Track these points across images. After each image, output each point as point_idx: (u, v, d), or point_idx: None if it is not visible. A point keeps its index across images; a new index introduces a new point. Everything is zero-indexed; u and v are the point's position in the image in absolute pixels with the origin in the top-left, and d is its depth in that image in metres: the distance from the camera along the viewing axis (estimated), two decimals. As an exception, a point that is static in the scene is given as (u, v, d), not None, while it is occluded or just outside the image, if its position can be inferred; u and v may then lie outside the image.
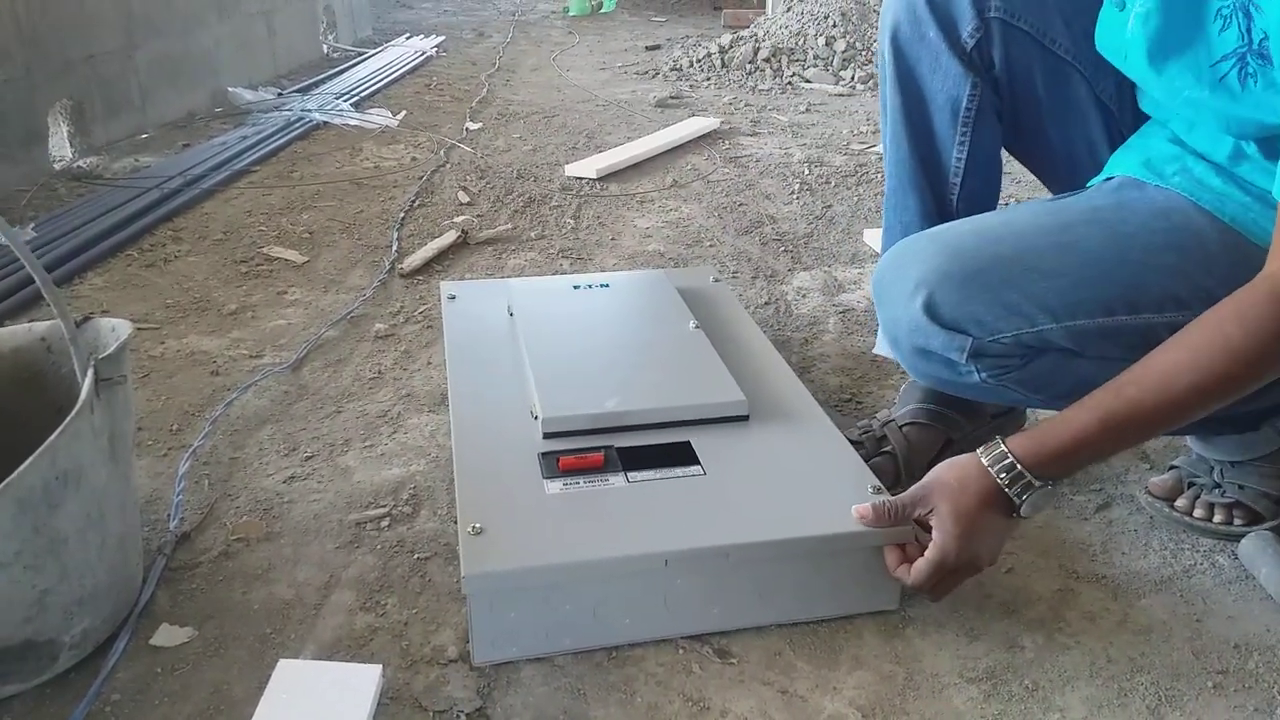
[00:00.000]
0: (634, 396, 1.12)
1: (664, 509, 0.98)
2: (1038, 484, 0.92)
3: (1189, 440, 1.18)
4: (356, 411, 1.38)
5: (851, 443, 1.14)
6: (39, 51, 2.44)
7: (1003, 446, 0.93)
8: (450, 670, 0.93)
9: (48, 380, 1.06)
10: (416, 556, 1.08)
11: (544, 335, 1.27)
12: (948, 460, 0.98)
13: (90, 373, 0.89)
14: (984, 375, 1.01)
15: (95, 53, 2.68)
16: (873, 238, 2.04)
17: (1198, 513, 1.12)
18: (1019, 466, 0.92)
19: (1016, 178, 2.30)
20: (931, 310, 0.98)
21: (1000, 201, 1.26)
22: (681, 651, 0.95)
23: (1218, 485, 1.12)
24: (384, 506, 1.17)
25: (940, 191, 1.20)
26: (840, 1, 4.05)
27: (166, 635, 0.97)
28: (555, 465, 1.03)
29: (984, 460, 0.93)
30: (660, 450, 1.07)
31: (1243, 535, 1.08)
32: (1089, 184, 1.11)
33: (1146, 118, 1.12)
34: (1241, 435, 1.10)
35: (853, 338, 1.63)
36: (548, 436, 1.08)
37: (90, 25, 2.65)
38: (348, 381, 1.47)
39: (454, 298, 1.45)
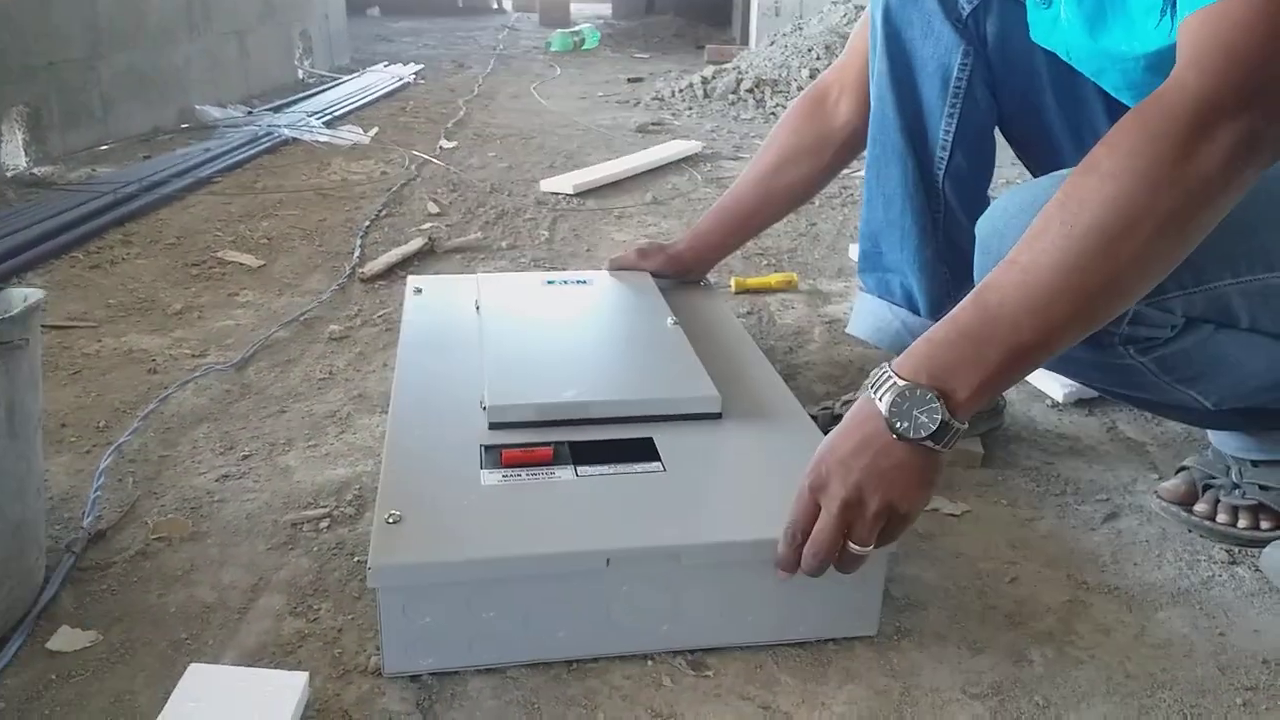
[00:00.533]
0: (594, 388, 1.02)
1: (611, 505, 0.86)
2: (903, 384, 0.74)
3: (1209, 435, 1.09)
4: (303, 411, 1.28)
5: (811, 418, 1.05)
6: (-5, 54, 2.35)
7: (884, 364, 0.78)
8: (387, 681, 0.81)
9: (-49, 358, 0.95)
10: (356, 559, 0.97)
11: (508, 327, 1.18)
12: None
13: (-16, 334, 0.78)
14: (1131, 349, 0.89)
15: (56, 60, 2.59)
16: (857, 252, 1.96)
17: (1221, 518, 1.03)
18: (887, 369, 0.76)
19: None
20: None
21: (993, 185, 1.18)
22: (651, 663, 0.84)
23: (1237, 486, 1.03)
24: (324, 507, 1.06)
25: (926, 164, 1.12)
26: (824, 35, 4.03)
27: (66, 639, 0.85)
28: (498, 458, 0.92)
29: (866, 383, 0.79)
30: (617, 446, 0.95)
31: (1271, 541, 0.99)
32: None
33: None
34: (1265, 431, 1.01)
35: (839, 347, 1.54)
36: (494, 427, 0.97)
37: (53, 33, 2.57)
38: (296, 381, 1.36)
39: (420, 291, 1.35)
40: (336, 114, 3.31)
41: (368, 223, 2.10)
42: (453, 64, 5.01)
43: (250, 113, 3.29)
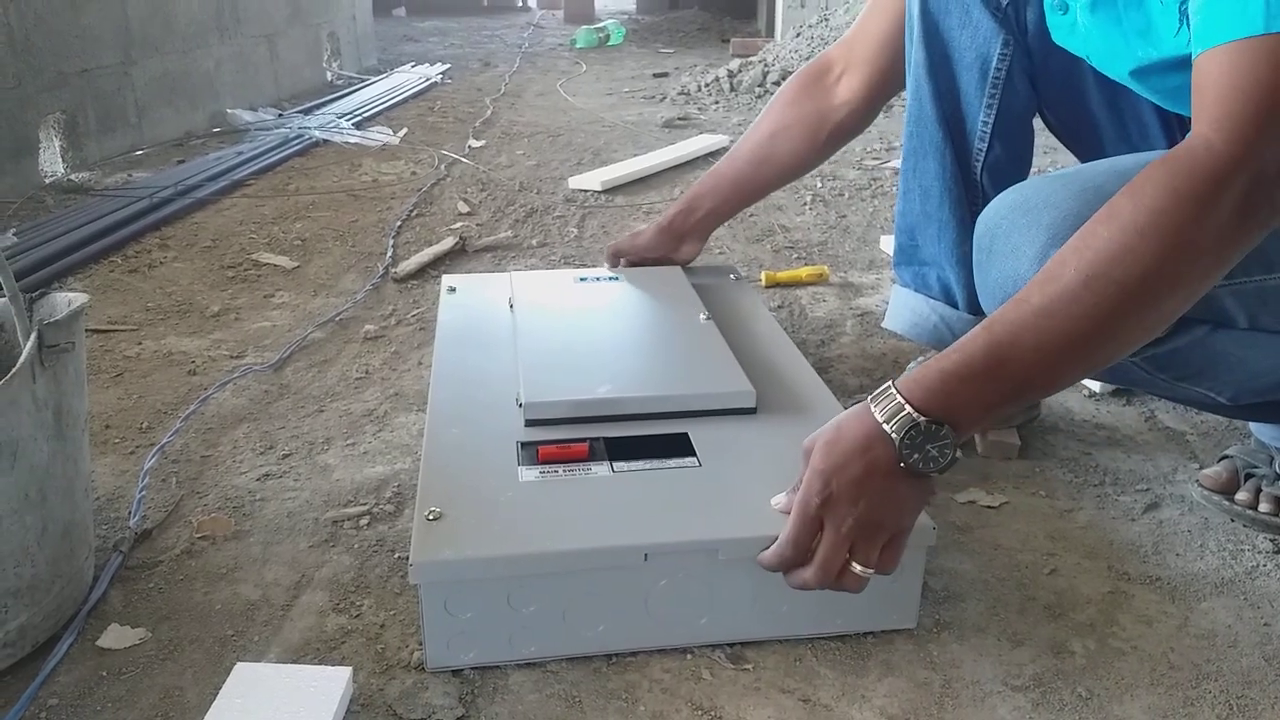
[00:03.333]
0: (629, 384, 1.02)
1: (648, 500, 0.87)
2: (920, 419, 0.74)
3: (1251, 425, 1.08)
4: (340, 410, 1.29)
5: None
6: (31, 63, 2.38)
7: (889, 383, 0.78)
8: (430, 676, 0.82)
9: (0, 361, 0.97)
10: (397, 556, 0.98)
11: (541, 323, 1.18)
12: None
13: (34, 338, 0.80)
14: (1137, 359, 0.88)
15: (91, 67, 2.63)
16: (890, 244, 1.95)
17: (1264, 507, 1.02)
18: (899, 398, 0.75)
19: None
20: None
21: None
22: (690, 656, 0.85)
23: (1279, 476, 1.02)
24: (364, 504, 1.07)
25: (963, 156, 1.11)
26: (850, 25, 4.00)
27: (116, 636, 0.87)
28: (535, 455, 0.92)
29: (868, 401, 0.78)
30: (653, 441, 0.96)
31: None
32: None
33: None
34: None
35: (872, 340, 1.54)
36: (530, 424, 0.97)
37: (86, 39, 2.60)
38: (333, 381, 1.38)
39: (454, 290, 1.36)
40: (366, 115, 3.33)
41: (399, 223, 2.12)
42: (479, 63, 5.02)
43: (281, 115, 3.32)
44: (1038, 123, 1.16)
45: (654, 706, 0.80)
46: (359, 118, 3.27)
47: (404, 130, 3.12)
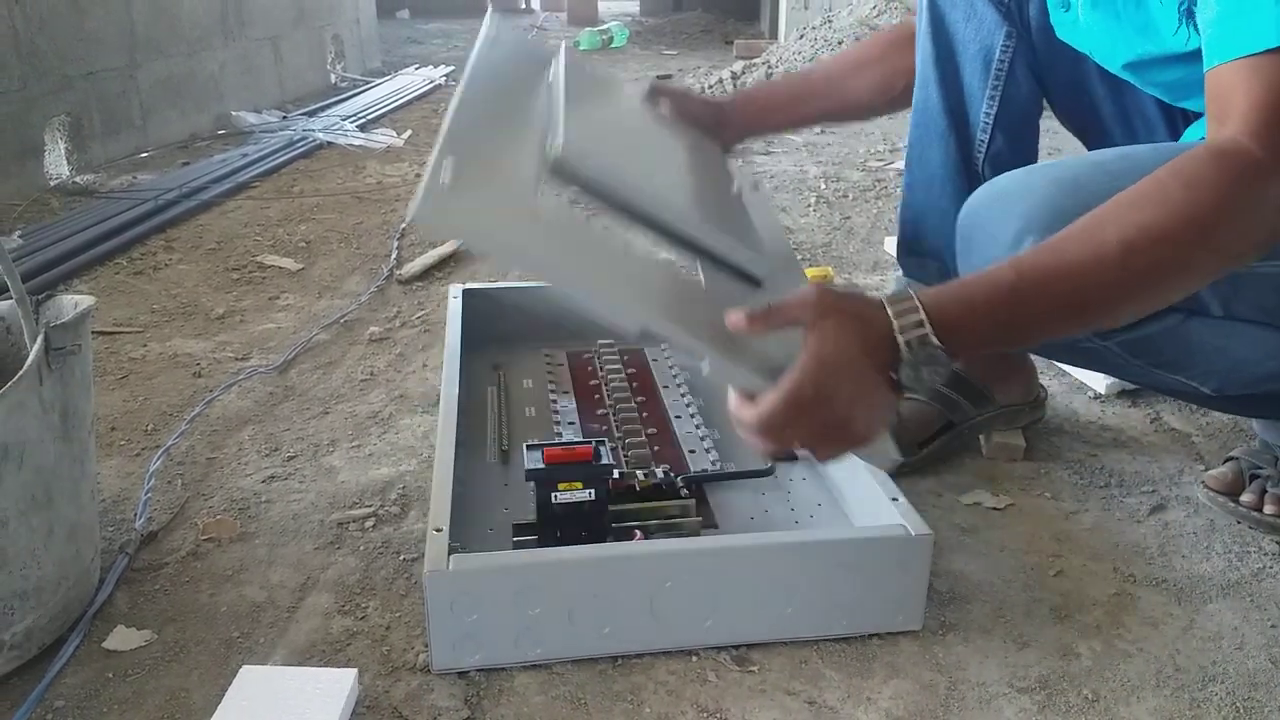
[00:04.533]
0: (665, 200, 0.90)
1: None
2: (934, 340, 0.72)
3: (1254, 424, 1.08)
4: (345, 412, 1.29)
5: None
6: (36, 66, 2.39)
7: (910, 290, 0.75)
8: (435, 678, 0.82)
9: (6, 363, 0.97)
10: (403, 558, 0.98)
11: (591, 100, 1.02)
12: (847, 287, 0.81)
13: (40, 339, 0.80)
14: (1093, 334, 0.89)
15: (96, 70, 2.63)
16: (893, 246, 1.95)
17: (1269, 509, 1.02)
18: (920, 313, 0.72)
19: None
20: None
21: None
22: (696, 658, 0.85)
23: None
24: (369, 506, 1.07)
25: (966, 147, 1.12)
26: (854, 27, 4.01)
27: (122, 638, 0.87)
28: (540, 454, 0.92)
29: (884, 297, 0.75)
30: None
31: None
32: None
33: None
34: None
35: (875, 341, 1.53)
36: (554, 174, 0.84)
37: (91, 42, 2.61)
38: (338, 383, 1.38)
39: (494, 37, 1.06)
40: (370, 117, 3.33)
41: (403, 225, 2.12)
42: (483, 65, 5.03)
43: (285, 118, 3.32)
44: (1047, 123, 1.16)
45: (659, 708, 0.80)
46: (363, 120, 3.27)
47: (408, 132, 3.12)
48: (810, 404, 0.71)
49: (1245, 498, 1.04)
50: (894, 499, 0.89)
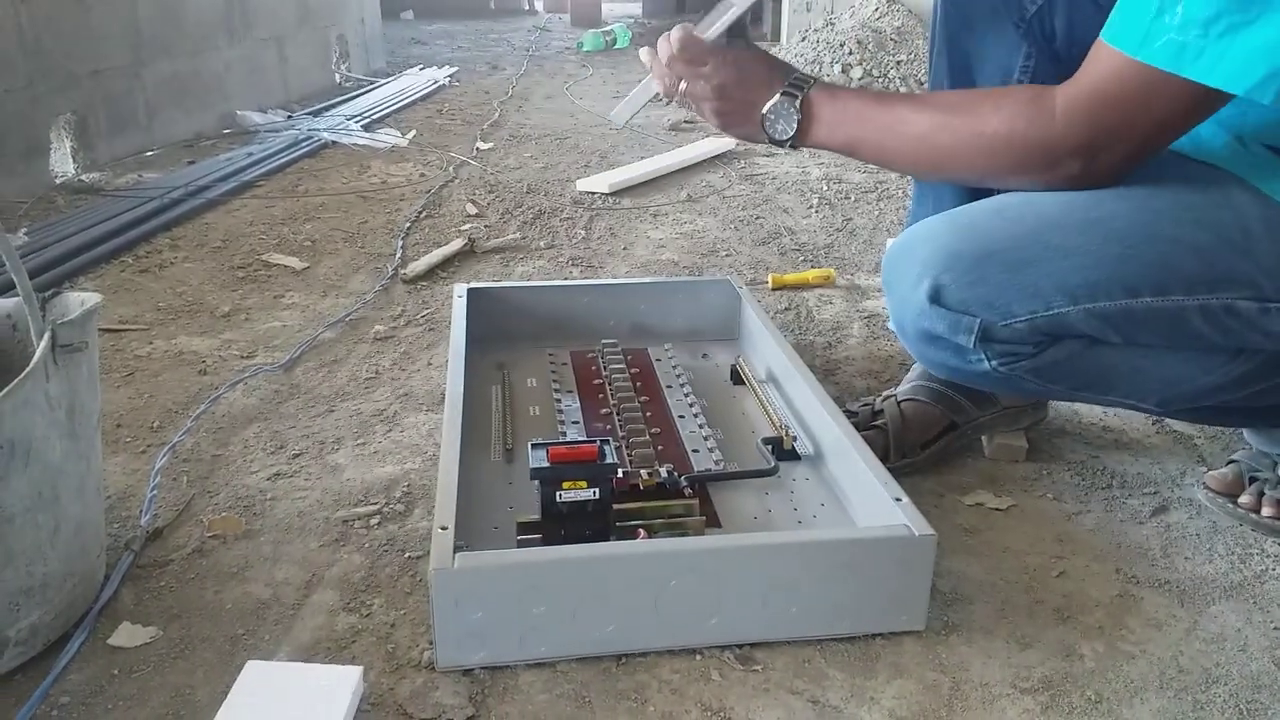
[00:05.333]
0: None
1: None
2: (795, 106, 0.97)
3: (1245, 434, 1.08)
4: (350, 410, 1.30)
5: (846, 413, 1.05)
6: (42, 64, 2.39)
7: (814, 79, 1.00)
8: (440, 675, 0.83)
9: (13, 361, 0.97)
10: (408, 555, 0.99)
11: None
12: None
13: (47, 336, 0.81)
14: (995, 363, 0.91)
15: (101, 68, 2.64)
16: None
17: (1266, 511, 1.02)
18: (809, 83, 0.98)
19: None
20: (938, 291, 0.89)
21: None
22: (700, 657, 0.85)
23: None
24: (375, 504, 1.07)
25: None
26: (856, 29, 4.00)
27: (127, 635, 0.87)
28: (546, 453, 0.93)
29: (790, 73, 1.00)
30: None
31: None
32: None
33: None
34: None
35: (879, 342, 1.54)
36: None
37: (97, 40, 2.61)
38: (343, 381, 1.38)
39: None
40: (374, 117, 3.33)
41: (408, 224, 2.12)
42: (486, 66, 5.03)
43: (290, 117, 3.33)
44: None
45: (664, 707, 0.80)
46: (368, 120, 3.27)
47: (412, 132, 3.13)
48: (714, 65, 0.99)
49: (1244, 499, 1.04)
50: (897, 499, 0.90)
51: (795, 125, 0.97)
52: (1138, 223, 0.87)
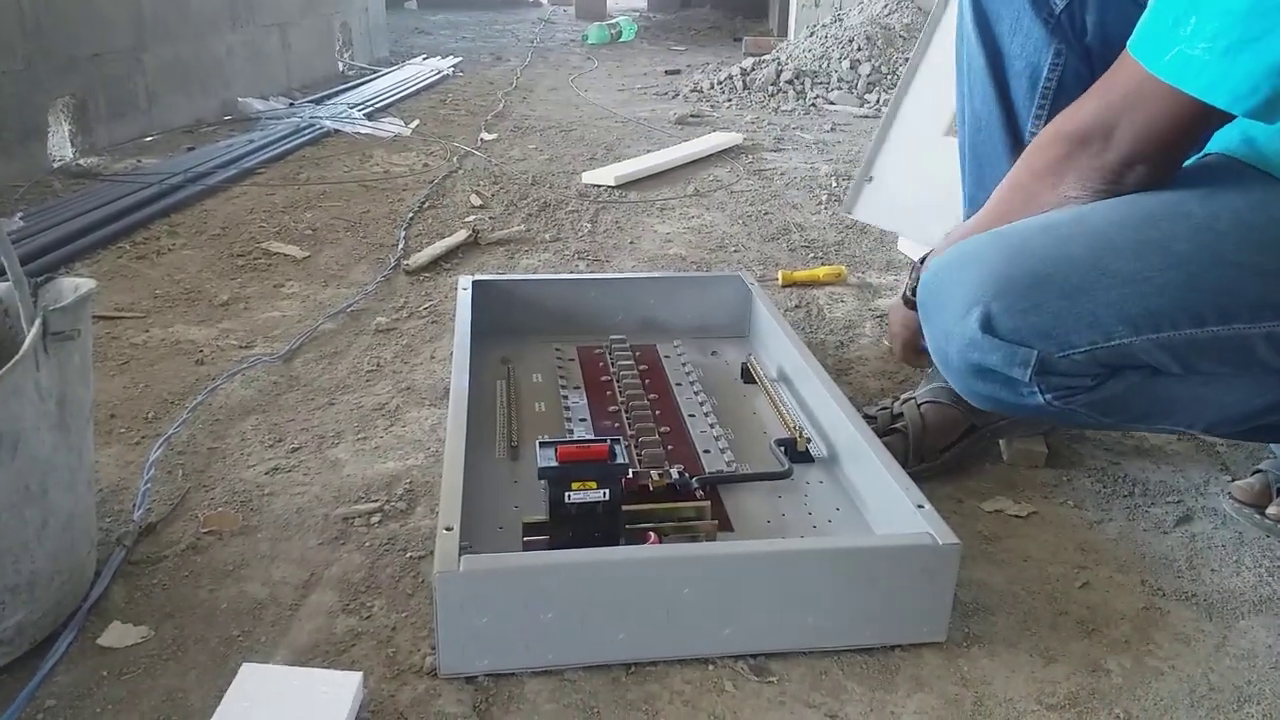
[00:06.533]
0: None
1: None
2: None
3: (1271, 446, 1.05)
4: (351, 404, 1.26)
5: (865, 418, 1.02)
6: (42, 46, 2.35)
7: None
8: (443, 682, 0.79)
9: (3, 348, 0.94)
10: (409, 555, 0.95)
11: None
12: None
13: (38, 324, 0.77)
14: (1049, 397, 0.85)
15: (102, 52, 2.60)
16: (908, 247, 1.92)
17: None
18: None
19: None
20: (989, 320, 0.83)
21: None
22: (712, 668, 0.82)
23: None
24: (375, 501, 1.04)
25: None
26: (865, 25, 3.97)
27: (118, 635, 0.84)
28: (554, 451, 0.89)
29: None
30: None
31: None
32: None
33: None
34: None
35: (892, 342, 1.50)
36: None
37: (98, 23, 2.57)
38: (343, 374, 1.35)
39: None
40: (377, 106, 3.30)
41: (411, 214, 2.09)
42: (491, 57, 4.99)
43: (292, 105, 3.29)
44: None
45: (675, 719, 0.77)
46: (370, 108, 3.24)
47: (416, 122, 3.09)
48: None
49: (1271, 510, 1.01)
50: (920, 506, 0.86)
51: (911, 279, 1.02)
52: (1200, 245, 0.81)
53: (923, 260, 1.01)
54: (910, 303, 1.03)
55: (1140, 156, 0.83)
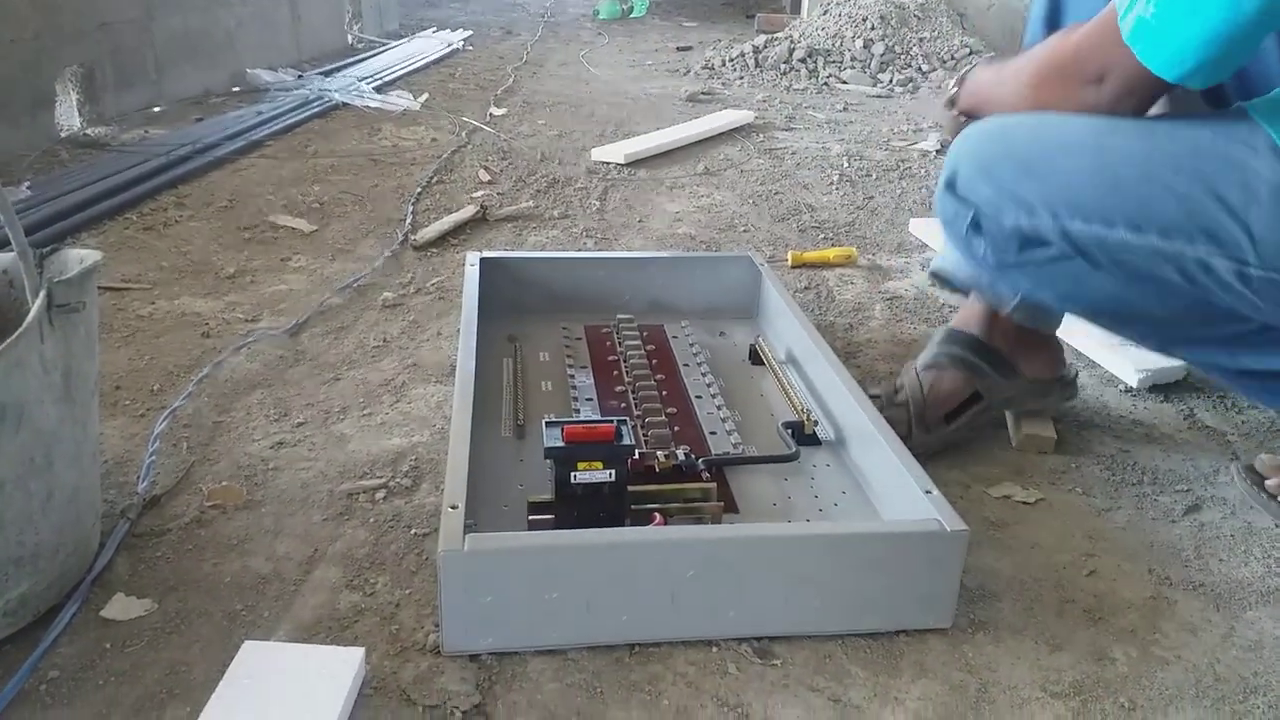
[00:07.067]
0: None
1: None
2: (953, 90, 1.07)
3: None
4: (357, 379, 1.26)
5: (870, 397, 1.03)
6: (50, 15, 2.34)
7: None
8: (446, 660, 0.79)
9: (9, 320, 0.93)
10: (414, 532, 0.95)
11: None
12: None
13: (43, 296, 0.77)
14: (988, 253, 0.96)
15: (110, 20, 2.58)
16: (919, 228, 1.91)
17: None
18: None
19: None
20: (953, 180, 0.96)
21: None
22: (716, 649, 0.81)
23: None
24: (380, 477, 1.04)
25: None
26: (879, 4, 3.93)
27: (121, 607, 0.84)
28: (561, 432, 0.89)
29: None
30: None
31: None
32: None
33: None
34: None
35: (901, 324, 1.50)
36: None
37: (106, -8, 2.56)
38: (349, 349, 1.35)
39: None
40: (386, 79, 3.28)
41: (419, 189, 2.08)
42: (501, 30, 4.96)
43: (301, 77, 3.27)
44: None
45: (678, 700, 0.76)
46: (380, 82, 3.22)
47: (425, 96, 3.07)
48: None
49: (1271, 483, 1.01)
50: (927, 491, 0.86)
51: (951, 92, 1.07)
52: (1142, 160, 0.87)
53: (964, 75, 1.06)
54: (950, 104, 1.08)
55: (1126, 106, 0.88)
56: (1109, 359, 1.34)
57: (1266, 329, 0.89)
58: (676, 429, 1.10)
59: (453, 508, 0.80)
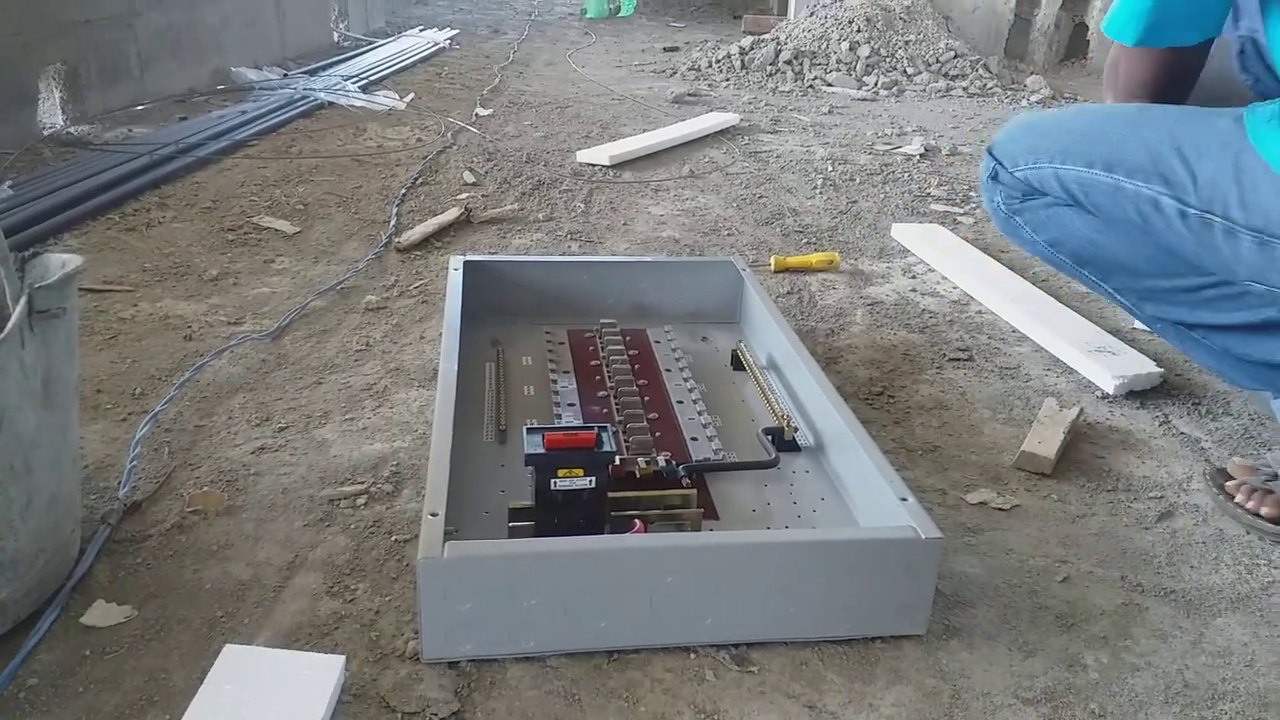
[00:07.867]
0: None
1: None
2: None
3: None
4: (339, 383, 1.26)
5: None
6: (33, 10, 2.33)
7: None
8: (425, 668, 0.80)
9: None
10: (395, 538, 0.96)
11: None
12: None
13: (23, 301, 0.77)
14: (1001, 202, 1.13)
15: (93, 17, 2.57)
16: (902, 233, 1.92)
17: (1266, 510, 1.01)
18: None
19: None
20: (994, 146, 1.14)
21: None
22: (694, 656, 0.82)
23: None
24: (362, 483, 1.04)
25: None
26: (865, 7, 3.94)
27: (101, 614, 0.84)
28: (541, 438, 0.89)
29: None
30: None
31: None
32: None
33: None
34: None
35: (882, 330, 1.51)
36: None
37: (89, -11, 2.54)
38: (332, 352, 1.35)
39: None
40: (372, 78, 3.27)
41: (404, 191, 2.08)
42: (488, 29, 4.95)
43: (286, 75, 3.26)
44: None
45: (655, 707, 0.77)
46: (365, 81, 3.21)
47: (410, 95, 3.07)
48: None
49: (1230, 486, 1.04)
50: (903, 499, 0.87)
51: None
52: (1129, 122, 1.02)
53: None
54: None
55: (1113, 78, 1.07)
56: (1086, 366, 1.35)
57: (1220, 283, 1.01)
58: (658, 434, 1.10)
59: (433, 515, 0.80)
